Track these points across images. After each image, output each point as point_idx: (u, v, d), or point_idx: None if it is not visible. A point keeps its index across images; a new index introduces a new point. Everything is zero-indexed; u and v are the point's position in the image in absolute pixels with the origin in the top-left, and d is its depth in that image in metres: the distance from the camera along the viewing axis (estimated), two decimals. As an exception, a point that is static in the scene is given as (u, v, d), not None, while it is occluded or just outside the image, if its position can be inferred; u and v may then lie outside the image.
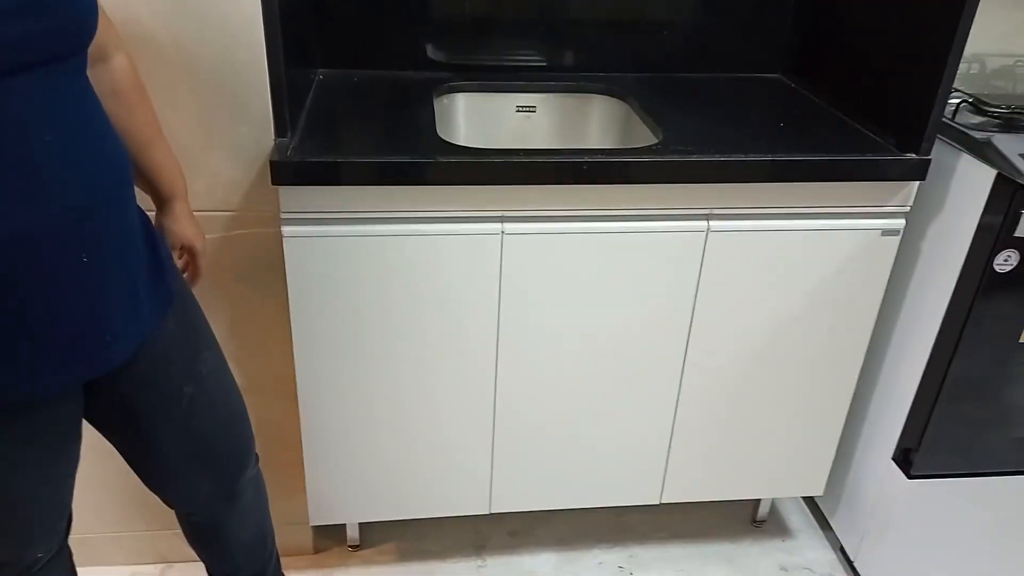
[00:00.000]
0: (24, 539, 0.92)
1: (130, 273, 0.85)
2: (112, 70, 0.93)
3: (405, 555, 1.59)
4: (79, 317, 0.80)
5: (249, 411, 1.11)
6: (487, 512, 1.49)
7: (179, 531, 1.17)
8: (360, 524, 1.59)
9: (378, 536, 1.62)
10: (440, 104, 1.43)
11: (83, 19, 0.77)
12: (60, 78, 0.75)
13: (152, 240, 0.92)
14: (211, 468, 1.06)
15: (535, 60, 1.56)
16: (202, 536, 1.17)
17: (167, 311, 0.94)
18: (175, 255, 1.07)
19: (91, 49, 0.87)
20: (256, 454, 1.15)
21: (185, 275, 1.10)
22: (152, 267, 0.90)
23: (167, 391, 0.96)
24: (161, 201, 1.06)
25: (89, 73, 0.89)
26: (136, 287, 0.86)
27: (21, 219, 0.72)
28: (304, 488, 1.40)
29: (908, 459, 1.40)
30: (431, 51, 1.53)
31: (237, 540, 1.17)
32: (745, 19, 1.58)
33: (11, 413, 0.81)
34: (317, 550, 1.58)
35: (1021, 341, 1.29)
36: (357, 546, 1.60)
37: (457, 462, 1.41)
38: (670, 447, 1.45)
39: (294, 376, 1.29)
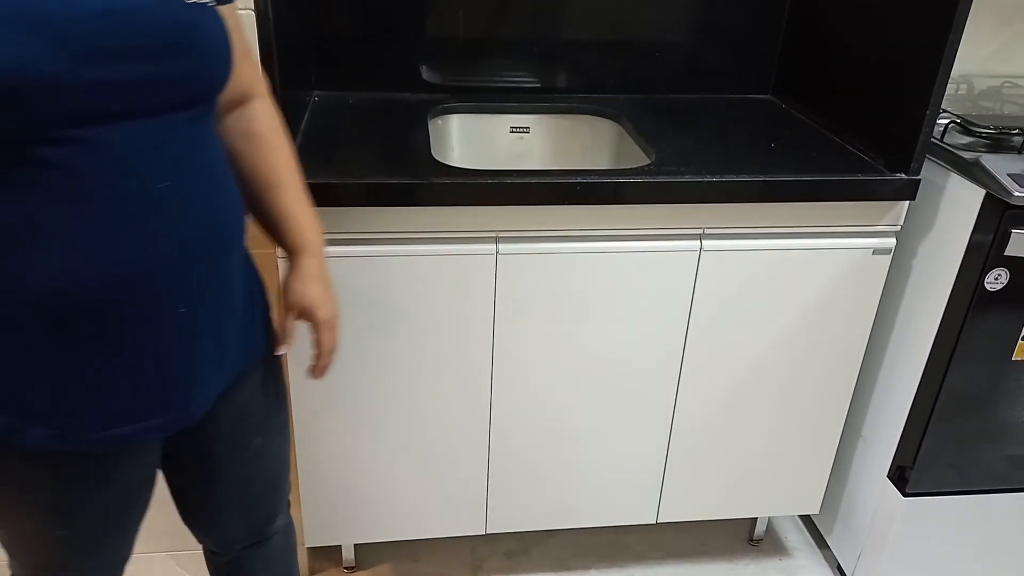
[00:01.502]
0: None
1: (223, 325, 0.83)
2: (249, 112, 0.91)
3: (401, 576, 1.58)
4: (168, 369, 0.78)
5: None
6: (483, 532, 1.48)
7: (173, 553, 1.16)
8: (356, 545, 1.58)
9: (374, 557, 1.61)
10: (434, 125, 1.44)
11: (213, 67, 0.75)
12: (183, 126, 0.73)
13: (251, 287, 0.90)
14: (250, 512, 1.04)
15: (529, 81, 1.58)
16: None
17: (253, 363, 0.92)
18: (290, 318, 0.95)
19: (233, 96, 0.87)
20: (288, 500, 1.12)
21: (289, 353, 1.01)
22: (246, 316, 0.88)
23: (240, 442, 0.95)
24: (289, 254, 0.95)
25: (227, 117, 0.89)
26: (225, 340, 0.84)
27: (121, 265, 0.70)
28: (299, 509, 1.40)
29: (903, 477, 1.40)
30: (425, 73, 1.54)
31: None
32: (736, 41, 1.60)
33: (84, 458, 0.80)
34: (313, 571, 1.57)
35: (1014, 358, 1.29)
36: (353, 567, 1.59)
37: (453, 482, 1.41)
38: (666, 466, 1.45)
39: (288, 396, 1.29)
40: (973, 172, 1.22)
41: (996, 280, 1.23)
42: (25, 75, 0.61)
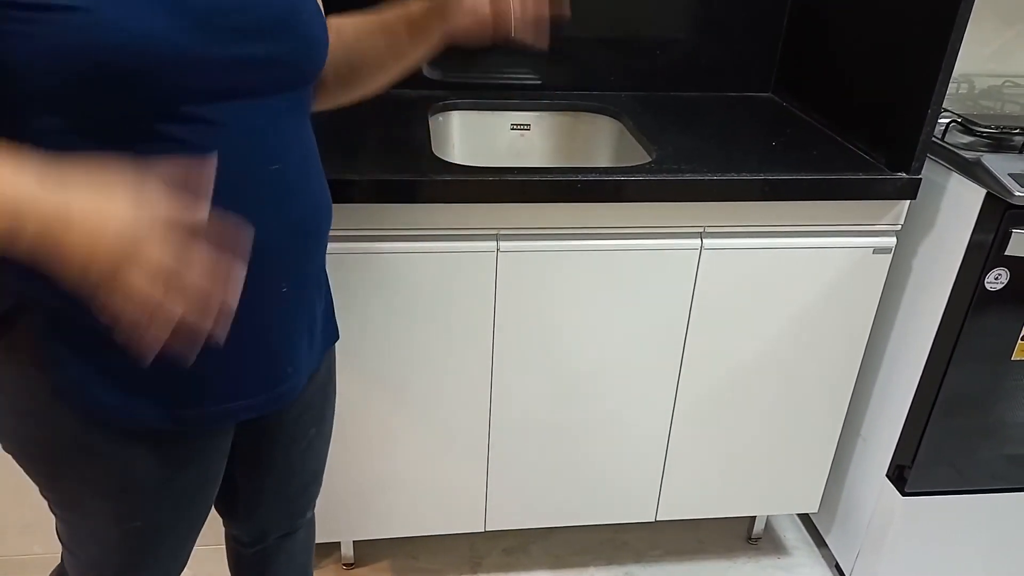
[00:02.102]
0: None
1: (314, 311, 0.86)
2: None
3: (400, 573, 1.58)
4: (269, 348, 0.80)
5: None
6: (482, 529, 1.48)
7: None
8: (355, 542, 1.58)
9: (373, 554, 1.61)
10: (435, 122, 1.44)
11: (316, 49, 0.77)
12: (287, 109, 0.75)
13: (327, 279, 0.93)
14: (290, 503, 1.05)
15: (529, 78, 1.58)
16: (248, 569, 1.14)
17: (327, 354, 0.95)
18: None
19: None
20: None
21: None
22: (326, 306, 0.92)
23: (298, 432, 0.96)
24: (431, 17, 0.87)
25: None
26: (314, 325, 0.87)
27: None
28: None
29: (902, 476, 1.40)
30: (426, 69, 1.54)
31: None
32: (737, 39, 1.60)
33: (168, 437, 0.80)
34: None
35: (1013, 358, 1.29)
36: (352, 564, 1.59)
37: (452, 479, 1.41)
38: (665, 464, 1.45)
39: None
40: (974, 172, 1.22)
41: (996, 280, 1.23)
42: (164, 50, 0.63)
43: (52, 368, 0.73)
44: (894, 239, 1.30)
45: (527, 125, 1.53)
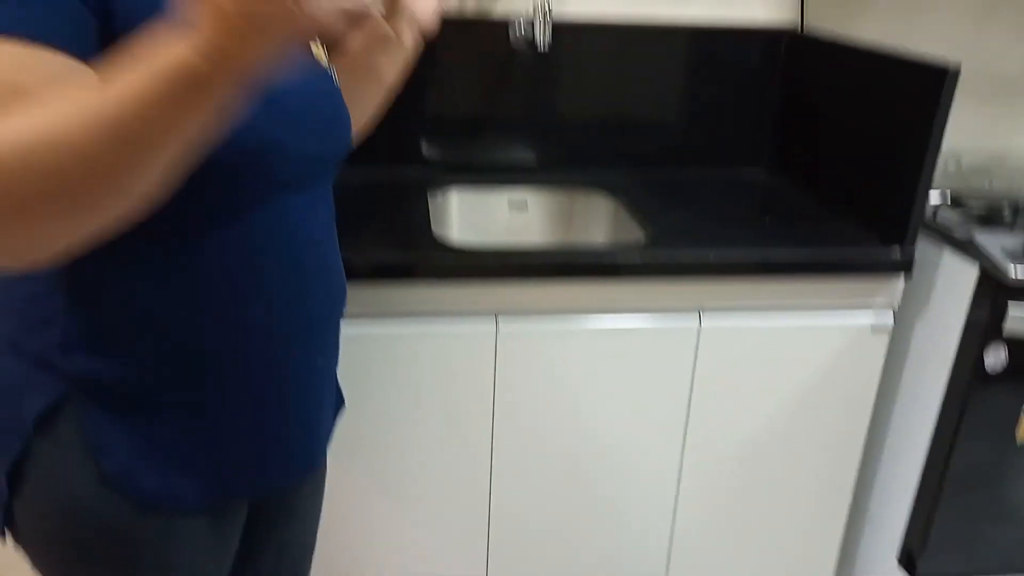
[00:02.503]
0: None
1: (334, 378, 0.90)
2: None
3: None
4: (307, 417, 0.83)
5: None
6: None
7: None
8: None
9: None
10: (434, 200, 1.46)
11: (349, 140, 0.85)
12: (327, 194, 0.82)
13: None
14: None
15: (527, 157, 1.61)
16: None
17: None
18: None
19: None
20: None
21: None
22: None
23: (296, 501, 0.96)
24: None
25: None
26: (334, 392, 0.92)
27: (286, 321, 0.75)
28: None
29: (913, 561, 1.36)
30: (425, 148, 1.57)
31: None
32: (730, 117, 1.64)
33: (208, 518, 0.79)
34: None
35: (1019, 443, 1.27)
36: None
37: (452, 558, 1.36)
38: (670, 549, 1.41)
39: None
40: (967, 248, 1.23)
41: (995, 359, 1.22)
42: (263, 145, 0.68)
43: (101, 455, 0.71)
44: (891, 316, 1.30)
45: (524, 203, 1.55)
